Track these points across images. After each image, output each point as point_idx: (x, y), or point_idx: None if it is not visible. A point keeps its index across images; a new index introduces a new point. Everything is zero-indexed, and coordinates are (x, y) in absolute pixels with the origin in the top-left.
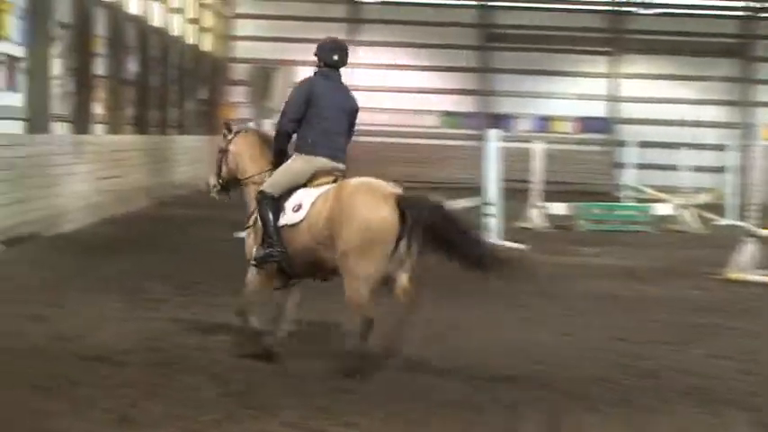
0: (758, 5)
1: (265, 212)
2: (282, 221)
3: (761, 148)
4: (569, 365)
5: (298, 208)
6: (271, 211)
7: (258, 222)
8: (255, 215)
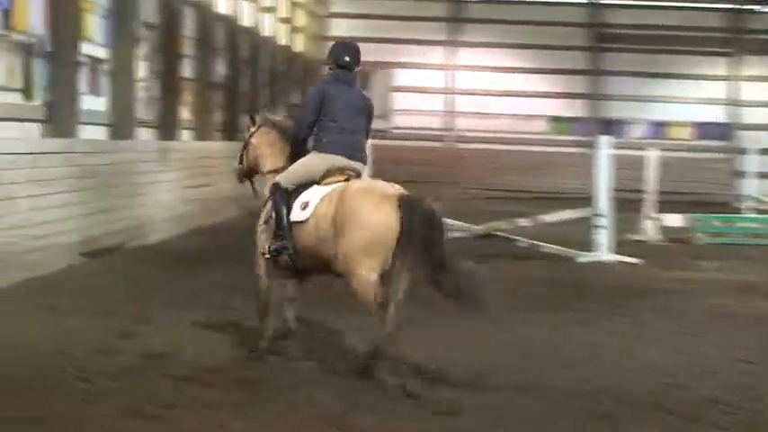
0: None
1: (278, 205)
2: (292, 218)
3: None
4: (682, 385)
5: (305, 206)
6: (283, 204)
7: (272, 217)
8: (268, 210)
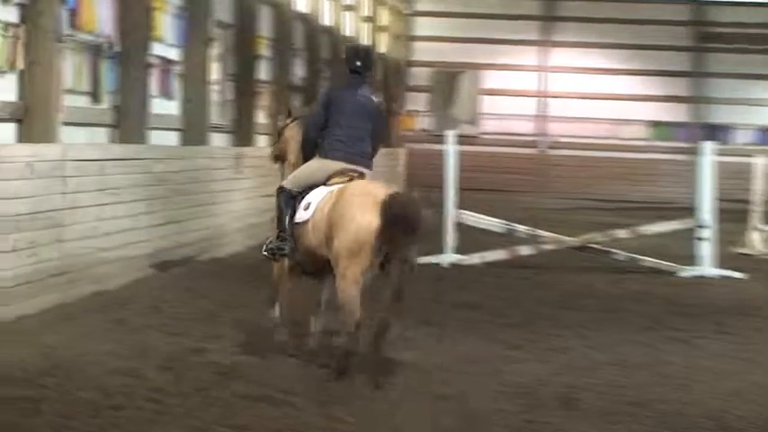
0: None
1: (281, 206)
2: (296, 219)
3: None
4: None
5: (307, 206)
6: (286, 206)
7: (272, 219)
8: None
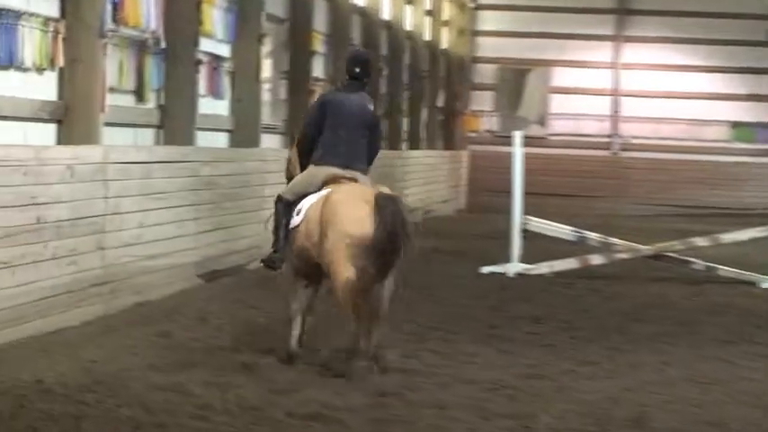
0: None
1: (277, 215)
2: (291, 225)
3: None
4: None
5: (299, 212)
6: (282, 215)
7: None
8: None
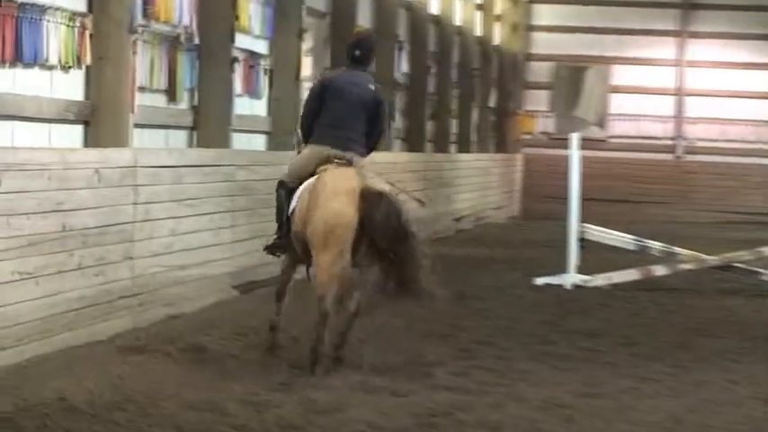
0: None
1: (279, 201)
2: (289, 211)
3: None
4: None
5: (296, 197)
6: (284, 201)
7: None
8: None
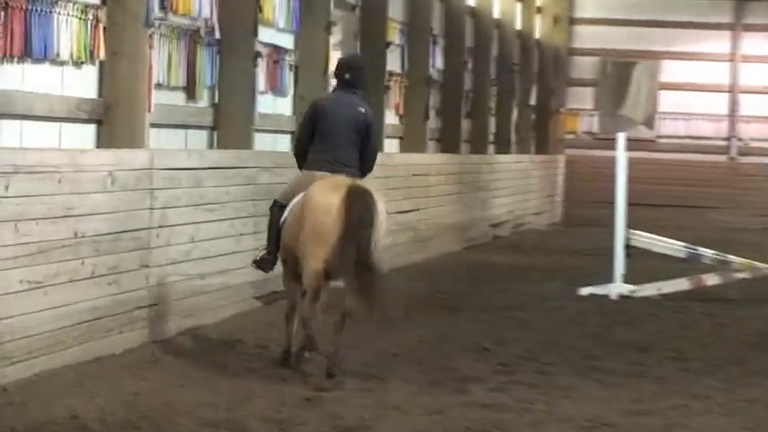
0: None
1: (271, 219)
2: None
3: None
4: None
5: (287, 210)
6: (276, 217)
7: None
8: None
